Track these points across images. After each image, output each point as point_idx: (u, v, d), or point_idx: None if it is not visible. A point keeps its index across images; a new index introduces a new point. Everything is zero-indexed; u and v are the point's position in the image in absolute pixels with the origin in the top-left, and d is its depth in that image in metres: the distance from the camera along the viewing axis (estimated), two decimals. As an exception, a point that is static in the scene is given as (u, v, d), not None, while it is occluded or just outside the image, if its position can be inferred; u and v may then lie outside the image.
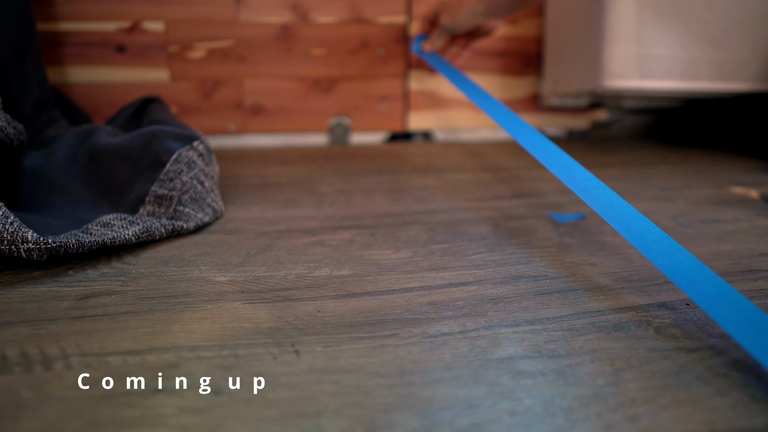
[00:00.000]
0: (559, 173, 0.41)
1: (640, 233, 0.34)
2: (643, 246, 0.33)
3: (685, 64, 0.74)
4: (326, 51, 0.85)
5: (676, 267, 0.31)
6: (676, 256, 0.32)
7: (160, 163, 0.45)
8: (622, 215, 0.35)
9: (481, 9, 0.67)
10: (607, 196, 0.37)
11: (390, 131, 0.91)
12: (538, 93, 0.93)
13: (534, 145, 0.45)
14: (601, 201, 0.36)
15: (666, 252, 0.32)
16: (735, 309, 0.28)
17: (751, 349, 0.25)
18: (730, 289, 0.29)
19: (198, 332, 0.29)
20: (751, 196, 0.57)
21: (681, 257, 0.32)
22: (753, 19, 0.73)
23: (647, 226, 0.34)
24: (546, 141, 0.46)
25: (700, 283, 0.30)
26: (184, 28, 0.80)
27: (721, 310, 0.28)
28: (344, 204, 0.54)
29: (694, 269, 0.31)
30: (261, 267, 0.38)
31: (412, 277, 0.37)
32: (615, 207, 0.36)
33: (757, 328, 0.26)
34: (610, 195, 0.37)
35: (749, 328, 0.26)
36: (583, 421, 0.22)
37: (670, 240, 0.33)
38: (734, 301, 0.28)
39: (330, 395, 0.24)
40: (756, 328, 0.26)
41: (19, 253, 0.35)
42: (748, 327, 0.27)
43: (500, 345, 0.28)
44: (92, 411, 0.23)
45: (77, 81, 0.79)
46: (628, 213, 0.35)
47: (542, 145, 0.45)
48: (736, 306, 0.28)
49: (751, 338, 0.26)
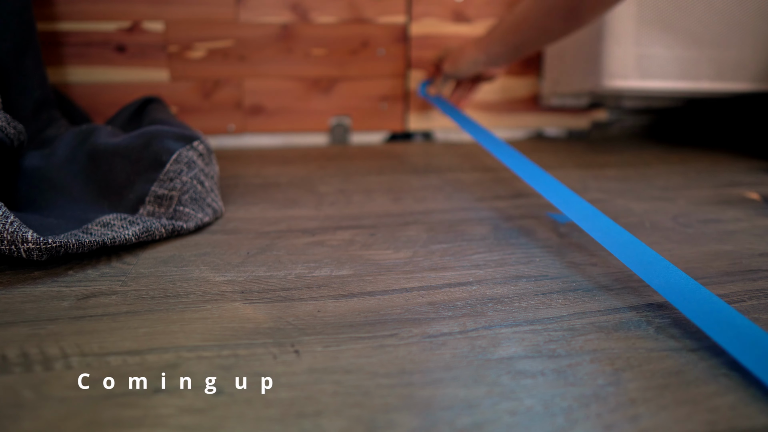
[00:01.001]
0: (569, 212, 0.41)
1: (639, 258, 0.34)
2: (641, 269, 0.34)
3: (685, 64, 0.74)
4: (326, 51, 0.85)
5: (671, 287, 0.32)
6: (672, 276, 0.33)
7: (160, 163, 0.45)
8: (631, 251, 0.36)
9: (481, 59, 0.69)
10: (622, 237, 0.37)
11: (390, 131, 0.91)
12: (538, 93, 0.93)
13: (541, 184, 0.46)
14: (616, 241, 0.37)
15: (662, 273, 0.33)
16: (708, 308, 0.29)
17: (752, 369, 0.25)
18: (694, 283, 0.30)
19: (198, 332, 0.29)
20: (751, 197, 0.57)
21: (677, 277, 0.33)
22: (753, 19, 0.73)
23: (639, 247, 0.35)
24: (552, 180, 0.47)
25: (678, 289, 0.31)
26: (184, 28, 0.80)
27: (694, 308, 0.29)
28: (344, 204, 0.54)
29: (682, 283, 0.32)
30: (261, 267, 0.38)
31: (412, 277, 0.37)
32: (627, 244, 0.37)
33: (754, 344, 0.26)
34: (625, 236, 0.38)
35: (740, 341, 0.27)
36: (583, 421, 0.22)
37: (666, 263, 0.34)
38: (705, 300, 0.29)
39: (330, 395, 0.24)
40: (752, 345, 0.26)
41: (19, 253, 0.35)
42: (739, 339, 0.27)
43: (500, 345, 0.28)
44: (92, 411, 0.23)
45: (77, 81, 0.79)
46: (634, 246, 0.36)
47: (550, 184, 0.46)
48: (710, 305, 0.29)
49: (752, 358, 0.26)
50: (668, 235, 0.45)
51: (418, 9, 0.86)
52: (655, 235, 0.45)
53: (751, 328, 0.27)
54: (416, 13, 0.86)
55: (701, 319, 0.29)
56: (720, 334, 0.27)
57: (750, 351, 0.26)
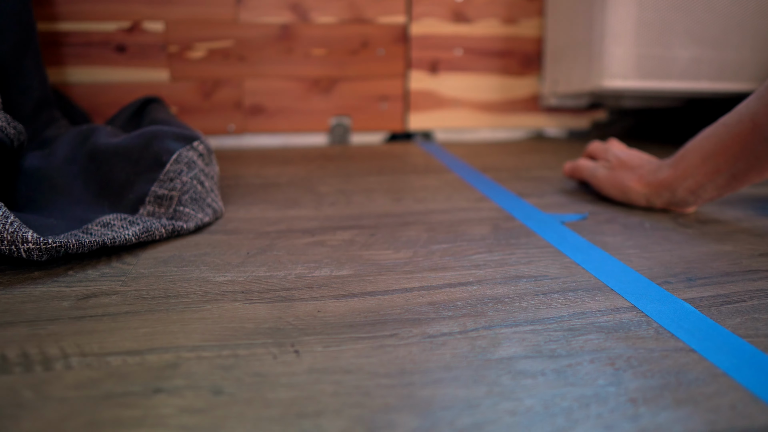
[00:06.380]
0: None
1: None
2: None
3: (684, 64, 0.74)
4: (326, 51, 0.85)
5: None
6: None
7: (160, 163, 0.45)
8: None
9: None
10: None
11: (390, 131, 0.91)
12: (538, 93, 0.93)
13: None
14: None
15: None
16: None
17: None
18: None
19: (198, 332, 0.29)
20: None
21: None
22: (753, 19, 0.73)
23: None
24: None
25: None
26: (184, 28, 0.80)
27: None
28: (344, 204, 0.54)
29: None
30: (261, 267, 0.38)
31: (412, 277, 0.36)
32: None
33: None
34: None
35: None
36: (583, 421, 0.22)
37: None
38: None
39: (330, 395, 0.24)
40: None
41: (19, 253, 0.35)
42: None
43: (500, 345, 0.28)
44: (92, 411, 0.23)
45: (77, 81, 0.79)
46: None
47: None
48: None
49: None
50: (668, 235, 0.45)
51: (418, 9, 0.86)
52: (655, 235, 0.45)
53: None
54: (416, 13, 0.86)
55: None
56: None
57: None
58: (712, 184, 0.46)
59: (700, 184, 0.46)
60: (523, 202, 0.54)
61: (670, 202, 0.50)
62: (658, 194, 0.50)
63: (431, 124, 0.92)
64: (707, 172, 0.46)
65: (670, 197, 0.49)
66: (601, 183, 0.54)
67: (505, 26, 0.89)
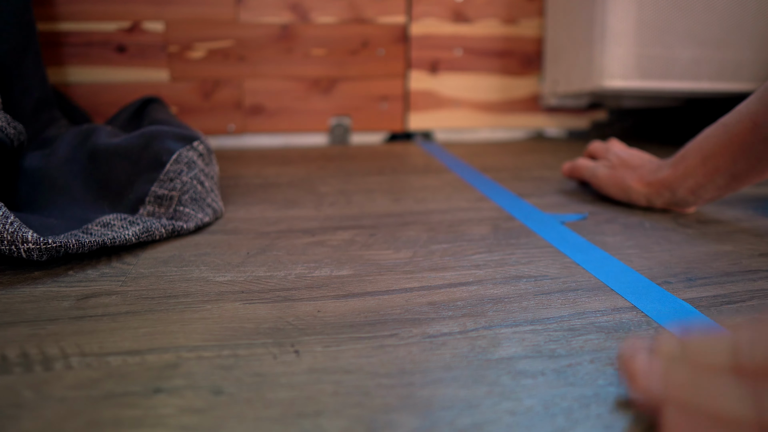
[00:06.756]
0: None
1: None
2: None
3: (685, 64, 0.74)
4: (326, 51, 0.85)
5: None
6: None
7: (160, 163, 0.45)
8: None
9: None
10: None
11: (390, 131, 0.91)
12: (538, 93, 0.93)
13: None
14: None
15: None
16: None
17: None
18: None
19: (198, 332, 0.29)
20: None
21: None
22: (753, 19, 0.73)
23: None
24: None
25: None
26: (184, 28, 0.80)
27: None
28: (344, 204, 0.54)
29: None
30: (261, 267, 0.38)
31: (412, 277, 0.36)
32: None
33: None
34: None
35: None
36: (583, 421, 0.22)
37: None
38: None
39: (330, 395, 0.24)
40: None
41: (19, 253, 0.35)
42: None
43: (500, 345, 0.28)
44: (92, 411, 0.23)
45: (77, 81, 0.79)
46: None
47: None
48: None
49: None
50: (668, 235, 0.45)
51: (418, 9, 0.86)
52: (655, 235, 0.45)
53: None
54: (416, 13, 0.86)
55: None
56: None
57: None
58: (713, 184, 0.46)
59: (701, 184, 0.47)
60: (523, 202, 0.54)
61: (671, 201, 0.50)
62: (659, 194, 0.50)
63: (431, 124, 0.92)
64: (707, 172, 0.46)
65: (670, 197, 0.49)
66: (602, 182, 0.54)
67: (505, 26, 0.89)
